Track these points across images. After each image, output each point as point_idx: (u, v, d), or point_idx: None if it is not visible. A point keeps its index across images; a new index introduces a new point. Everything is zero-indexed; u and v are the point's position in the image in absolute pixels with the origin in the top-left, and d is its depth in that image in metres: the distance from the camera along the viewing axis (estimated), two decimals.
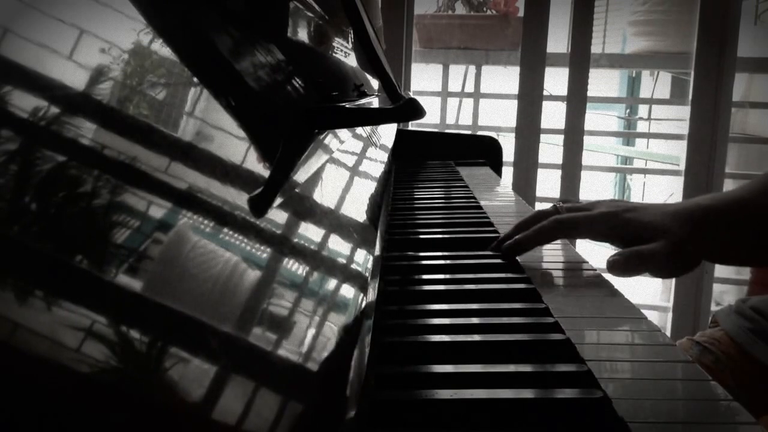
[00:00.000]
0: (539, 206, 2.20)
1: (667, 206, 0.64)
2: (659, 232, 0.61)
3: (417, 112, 0.51)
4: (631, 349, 0.45)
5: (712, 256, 0.67)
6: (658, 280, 2.39)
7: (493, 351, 0.43)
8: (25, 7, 0.18)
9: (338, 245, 0.41)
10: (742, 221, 0.64)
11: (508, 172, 2.08)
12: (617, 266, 0.60)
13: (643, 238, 0.61)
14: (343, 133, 0.60)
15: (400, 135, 1.32)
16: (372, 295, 0.41)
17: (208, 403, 0.19)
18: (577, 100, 2.12)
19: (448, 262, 0.63)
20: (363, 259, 0.43)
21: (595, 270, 0.63)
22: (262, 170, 0.33)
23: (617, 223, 0.63)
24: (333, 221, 0.43)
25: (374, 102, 0.92)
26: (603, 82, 4.25)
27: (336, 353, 0.30)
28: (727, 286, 2.26)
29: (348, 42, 0.94)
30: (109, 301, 0.17)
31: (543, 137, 2.16)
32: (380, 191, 0.67)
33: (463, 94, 2.84)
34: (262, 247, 0.29)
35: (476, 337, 0.44)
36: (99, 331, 0.16)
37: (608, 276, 0.61)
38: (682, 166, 2.13)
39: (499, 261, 0.63)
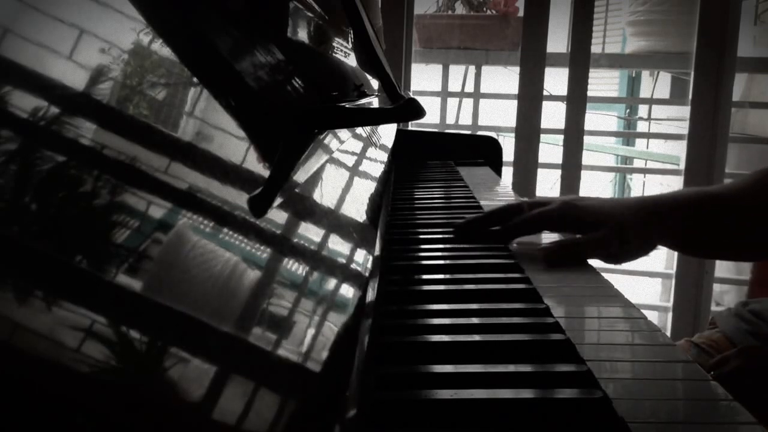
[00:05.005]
0: None
1: (627, 199, 0.72)
2: (605, 219, 0.66)
3: (417, 112, 0.51)
4: (631, 349, 0.45)
5: (670, 243, 0.75)
6: (659, 281, 2.39)
7: (493, 351, 0.43)
8: (25, 7, 0.18)
9: (338, 245, 0.41)
10: (710, 213, 0.71)
11: (508, 172, 2.08)
12: (551, 254, 0.64)
13: (593, 226, 0.66)
14: (343, 133, 0.60)
15: (400, 135, 1.32)
16: (372, 295, 0.41)
17: (207, 403, 0.19)
18: (577, 100, 2.12)
19: (448, 262, 0.63)
20: (363, 259, 0.43)
21: (596, 270, 0.63)
22: (262, 170, 0.33)
23: (572, 213, 0.68)
24: (333, 221, 0.43)
25: (374, 102, 0.92)
26: (603, 82, 4.25)
27: (336, 353, 0.30)
28: (727, 286, 2.26)
29: (348, 42, 0.94)
30: (108, 301, 0.17)
31: (543, 137, 2.16)
32: (380, 191, 0.67)
33: (463, 94, 2.83)
34: (262, 247, 0.29)
35: (476, 337, 0.44)
36: (99, 331, 0.16)
37: (609, 276, 0.61)
38: (682, 166, 2.13)
39: (499, 261, 0.63)
